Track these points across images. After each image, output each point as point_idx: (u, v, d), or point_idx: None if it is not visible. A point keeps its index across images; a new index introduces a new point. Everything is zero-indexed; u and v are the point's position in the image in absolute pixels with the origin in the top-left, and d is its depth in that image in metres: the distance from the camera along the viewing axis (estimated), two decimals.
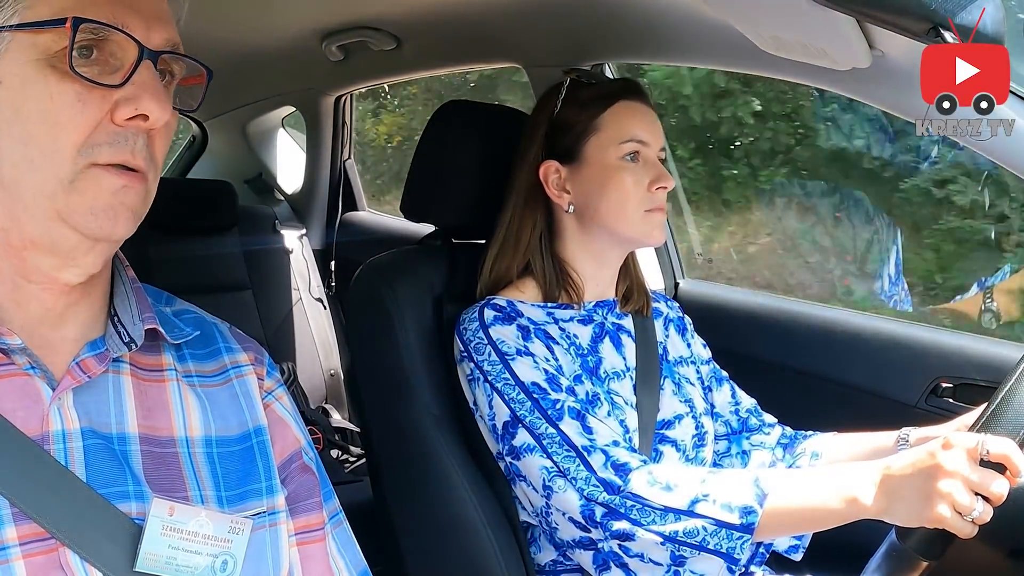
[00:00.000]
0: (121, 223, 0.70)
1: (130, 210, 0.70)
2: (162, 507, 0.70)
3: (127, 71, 0.69)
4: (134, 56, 0.69)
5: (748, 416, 1.36)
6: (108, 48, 0.69)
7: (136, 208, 0.71)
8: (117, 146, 0.69)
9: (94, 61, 0.69)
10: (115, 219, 0.70)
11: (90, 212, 0.69)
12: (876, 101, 1.37)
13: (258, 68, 2.31)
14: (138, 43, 0.69)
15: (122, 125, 0.69)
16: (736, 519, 0.99)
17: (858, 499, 0.94)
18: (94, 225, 0.69)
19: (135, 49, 0.69)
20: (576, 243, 1.27)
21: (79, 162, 0.68)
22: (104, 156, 0.69)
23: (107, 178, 0.69)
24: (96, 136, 0.68)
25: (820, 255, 3.72)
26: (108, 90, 0.68)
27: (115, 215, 0.69)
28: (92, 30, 0.68)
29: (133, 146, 0.69)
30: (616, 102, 1.24)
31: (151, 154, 0.71)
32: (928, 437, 1.15)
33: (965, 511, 0.87)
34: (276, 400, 0.85)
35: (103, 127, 0.69)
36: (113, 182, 0.69)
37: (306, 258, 2.52)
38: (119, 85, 0.69)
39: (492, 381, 1.15)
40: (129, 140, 0.69)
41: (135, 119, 0.69)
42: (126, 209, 0.70)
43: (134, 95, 0.69)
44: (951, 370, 1.51)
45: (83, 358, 0.73)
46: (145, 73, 0.69)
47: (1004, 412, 0.91)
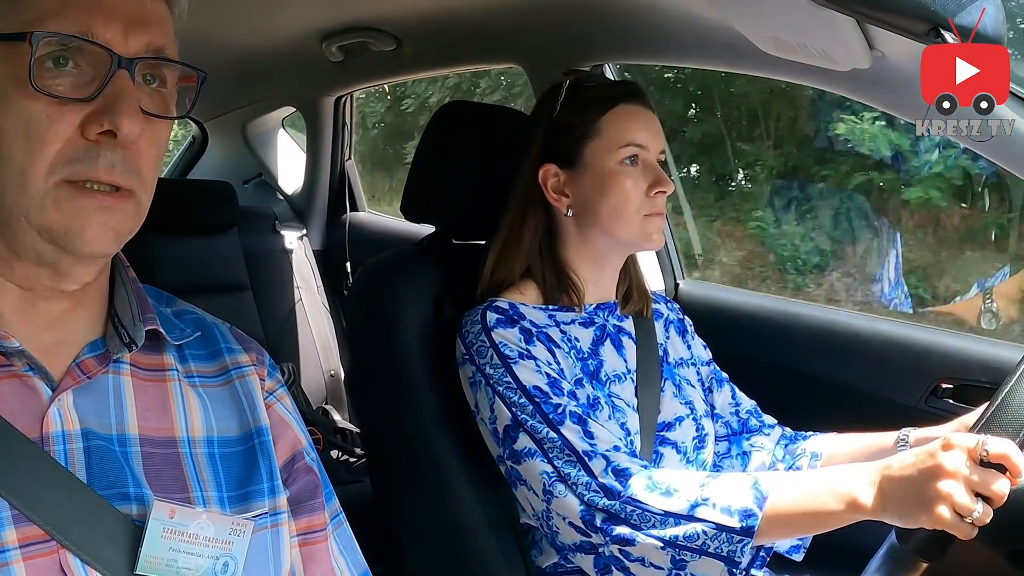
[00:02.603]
0: (100, 243, 0.68)
1: (112, 230, 0.68)
2: (163, 509, 0.70)
3: (101, 82, 0.66)
4: (108, 65, 0.66)
5: (748, 417, 1.36)
6: (84, 58, 0.67)
7: (120, 227, 0.69)
8: (88, 162, 0.66)
9: (68, 72, 0.66)
10: (93, 239, 0.67)
11: (65, 232, 0.67)
12: (876, 102, 1.38)
13: (258, 69, 2.31)
14: (110, 52, 0.66)
15: (94, 140, 0.66)
16: (736, 523, 0.99)
17: (857, 500, 0.94)
18: (71, 245, 0.67)
19: (109, 58, 0.66)
20: (576, 246, 1.27)
21: (50, 180, 0.66)
22: (74, 173, 0.66)
23: (79, 199, 0.66)
24: (66, 152, 0.66)
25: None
26: (79, 104, 0.66)
27: (93, 235, 0.67)
28: (59, 42, 0.65)
29: (106, 162, 0.66)
30: (615, 105, 1.23)
31: (133, 167, 0.68)
32: (928, 437, 1.15)
33: (965, 512, 0.87)
34: (278, 401, 0.85)
35: (73, 143, 0.66)
36: (86, 203, 0.66)
37: (307, 259, 2.52)
38: (89, 98, 0.66)
39: (494, 385, 1.15)
40: (101, 156, 0.66)
41: (105, 134, 0.66)
42: (106, 229, 0.68)
43: (103, 108, 0.66)
44: (951, 371, 1.51)
45: (83, 359, 0.73)
46: (119, 84, 0.66)
47: (1004, 413, 0.91)
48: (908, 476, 0.91)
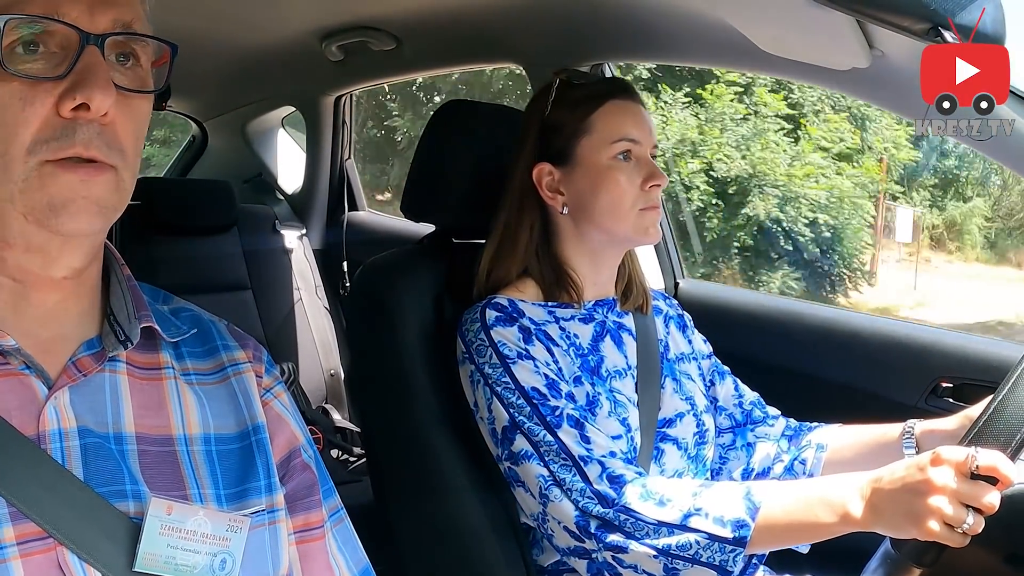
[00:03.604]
0: (84, 217, 0.68)
1: (94, 203, 0.68)
2: (160, 506, 0.70)
3: (71, 61, 0.67)
4: (76, 44, 0.67)
5: (752, 408, 1.36)
6: (53, 40, 0.68)
7: (102, 199, 0.69)
8: (65, 139, 0.67)
9: (40, 56, 0.67)
10: (77, 214, 0.68)
11: (49, 209, 0.67)
12: (876, 101, 1.38)
13: (258, 68, 2.31)
14: (77, 29, 0.67)
15: (68, 117, 0.67)
16: (728, 533, 1.00)
17: (849, 513, 0.95)
18: (55, 222, 0.68)
19: (76, 36, 0.67)
20: (573, 244, 1.27)
21: (30, 161, 0.67)
22: (53, 152, 0.67)
23: (61, 175, 0.67)
24: (43, 132, 0.67)
25: None
26: (52, 83, 0.66)
27: (77, 210, 0.68)
28: (25, 23, 0.66)
29: (83, 137, 0.67)
30: (606, 102, 1.23)
31: (111, 142, 0.69)
32: (934, 430, 1.15)
33: (956, 523, 0.87)
34: (275, 398, 0.85)
35: (49, 122, 0.67)
36: (68, 178, 0.67)
37: (307, 258, 2.53)
38: (61, 76, 0.66)
39: (492, 384, 1.15)
40: (80, 132, 0.67)
41: (79, 109, 0.67)
42: (88, 203, 0.68)
43: (75, 84, 0.66)
44: (951, 370, 1.51)
45: (79, 357, 0.73)
46: (88, 59, 0.67)
47: (996, 422, 0.91)
48: (898, 490, 0.92)
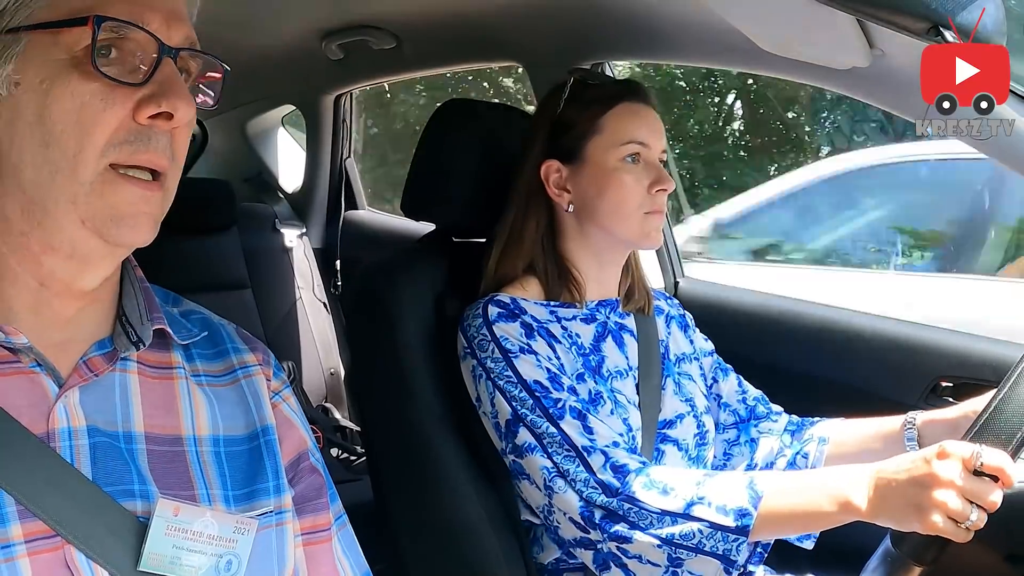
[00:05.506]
0: (142, 231, 0.70)
1: (150, 217, 0.70)
2: (167, 507, 0.70)
3: (148, 69, 0.69)
4: (154, 54, 0.69)
5: (755, 404, 1.36)
6: (127, 47, 0.69)
7: (156, 215, 0.71)
8: (139, 144, 0.68)
9: (114, 60, 0.68)
10: (136, 227, 0.69)
11: (111, 220, 0.68)
12: (876, 100, 1.38)
13: (258, 67, 2.30)
14: (158, 40, 0.69)
15: (145, 124, 0.68)
16: (731, 522, 1.01)
17: (851, 503, 0.96)
18: (115, 233, 0.69)
19: (155, 46, 0.69)
20: (577, 242, 1.28)
21: (101, 163, 0.67)
22: (125, 155, 0.68)
23: (125, 187, 0.68)
24: (118, 135, 0.68)
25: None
26: (131, 89, 0.68)
27: (136, 223, 0.69)
28: (113, 28, 0.67)
29: (157, 145, 0.69)
30: (618, 103, 1.24)
31: (173, 153, 0.71)
32: (935, 420, 1.16)
33: (960, 518, 0.88)
34: (283, 400, 0.85)
35: (125, 126, 0.68)
36: (131, 191, 0.69)
37: (307, 257, 2.52)
38: (142, 83, 0.68)
39: (494, 378, 1.16)
40: (153, 139, 0.69)
41: (158, 117, 0.68)
42: (147, 217, 0.70)
43: (157, 92, 0.68)
44: (951, 370, 1.51)
45: (90, 357, 0.73)
46: (167, 70, 0.69)
47: (998, 419, 0.91)
48: (903, 482, 0.92)
